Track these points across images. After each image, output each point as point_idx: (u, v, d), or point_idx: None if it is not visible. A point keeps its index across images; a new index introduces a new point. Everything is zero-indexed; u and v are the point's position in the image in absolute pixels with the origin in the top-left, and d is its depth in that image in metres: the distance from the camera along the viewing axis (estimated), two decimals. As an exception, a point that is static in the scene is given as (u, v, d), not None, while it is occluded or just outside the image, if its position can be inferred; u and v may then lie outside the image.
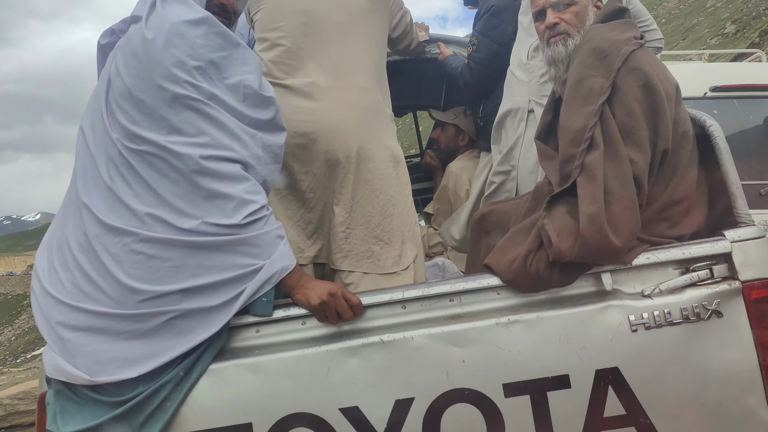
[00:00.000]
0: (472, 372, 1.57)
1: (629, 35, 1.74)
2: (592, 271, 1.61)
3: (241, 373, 1.58)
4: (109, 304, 1.54)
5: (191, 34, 1.62)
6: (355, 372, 1.58)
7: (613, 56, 1.69)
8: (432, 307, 1.64)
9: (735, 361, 1.54)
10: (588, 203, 1.56)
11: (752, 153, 4.68)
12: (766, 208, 4.45)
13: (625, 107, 1.66)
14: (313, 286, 1.63)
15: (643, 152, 1.63)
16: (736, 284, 1.57)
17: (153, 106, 1.58)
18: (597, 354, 1.55)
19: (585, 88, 1.69)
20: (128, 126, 1.59)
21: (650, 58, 1.73)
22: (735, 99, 4.73)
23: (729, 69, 5.35)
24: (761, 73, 4.89)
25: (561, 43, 1.92)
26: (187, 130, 1.58)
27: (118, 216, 1.56)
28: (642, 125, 1.64)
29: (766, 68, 5.27)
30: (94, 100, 1.70)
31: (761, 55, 5.89)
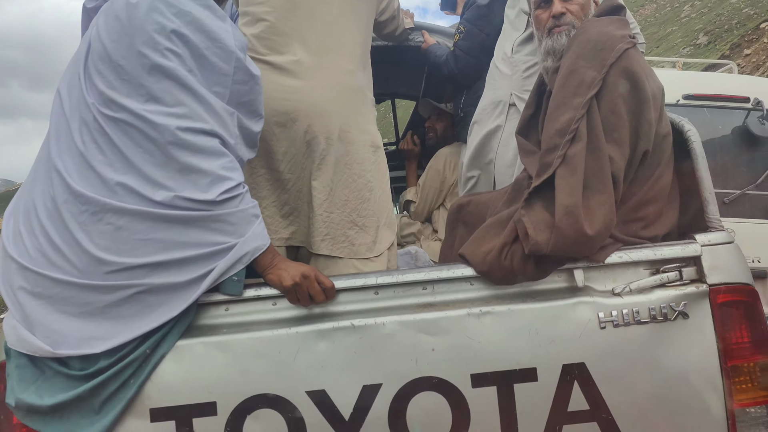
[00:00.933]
0: (441, 361, 1.57)
1: (625, 33, 1.75)
2: (565, 266, 1.63)
3: (208, 351, 1.55)
4: (73, 273, 1.49)
5: (177, 1, 1.57)
6: (324, 355, 1.56)
7: (608, 51, 1.69)
8: (405, 295, 1.63)
9: (698, 362, 1.58)
10: (566, 195, 1.57)
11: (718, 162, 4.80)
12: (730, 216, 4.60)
13: (610, 104, 1.67)
14: (286, 267, 1.60)
15: (622, 151, 1.64)
16: (703, 287, 1.60)
17: (132, 73, 1.53)
18: (565, 349, 1.57)
19: (577, 78, 1.69)
20: (105, 91, 1.53)
21: (641, 59, 1.75)
22: (706, 108, 4.84)
23: (702, 78, 5.46)
24: (732, 85, 5.00)
25: (565, 34, 1.91)
26: (165, 99, 1.54)
27: (89, 183, 1.51)
28: (625, 124, 1.65)
29: (737, 80, 5.39)
30: (73, 63, 1.64)
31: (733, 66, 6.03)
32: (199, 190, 1.52)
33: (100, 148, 1.52)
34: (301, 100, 2.07)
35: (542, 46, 1.96)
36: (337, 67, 2.16)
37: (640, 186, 1.70)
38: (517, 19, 2.46)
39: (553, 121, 1.67)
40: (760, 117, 4.56)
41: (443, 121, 3.48)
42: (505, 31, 2.55)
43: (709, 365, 1.58)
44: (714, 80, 5.28)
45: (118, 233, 1.49)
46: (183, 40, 1.57)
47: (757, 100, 4.62)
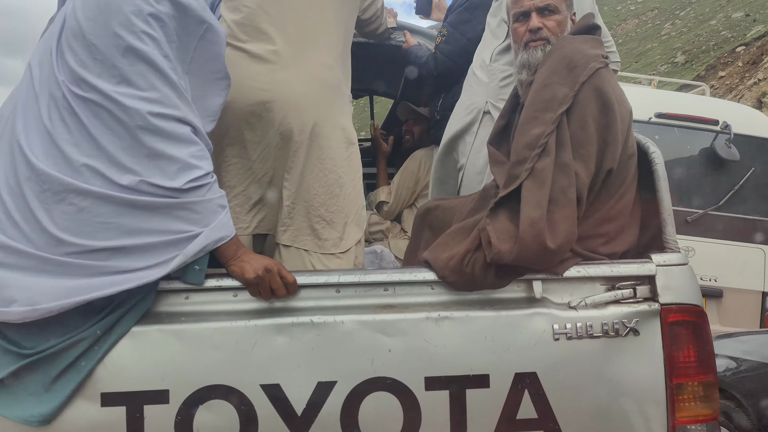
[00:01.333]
0: (396, 362, 1.59)
1: (598, 52, 1.78)
2: (525, 277, 1.66)
3: (164, 339, 1.55)
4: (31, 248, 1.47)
5: None
6: (281, 350, 1.57)
7: (581, 69, 1.73)
8: (366, 294, 1.64)
9: (644, 378, 1.63)
10: (531, 207, 1.60)
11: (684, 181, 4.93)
12: (691, 235, 4.72)
13: (580, 121, 1.70)
14: (249, 260, 1.60)
15: (588, 168, 1.68)
16: (655, 306, 1.65)
17: (106, 53, 1.51)
18: (518, 358, 1.60)
19: (549, 93, 1.72)
20: (76, 69, 1.51)
21: (612, 79, 1.78)
22: (676, 128, 4.96)
23: (675, 98, 5.59)
24: (703, 107, 5.11)
25: (540, 49, 1.94)
26: (138, 82, 1.52)
27: (53, 162, 1.49)
28: (592, 141, 1.69)
29: (708, 102, 5.51)
30: (46, 38, 1.61)
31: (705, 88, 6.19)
32: (166, 177, 1.51)
33: (68, 127, 1.50)
34: (277, 91, 2.06)
35: (518, 59, 1.98)
36: (315, 61, 2.15)
37: (603, 203, 1.74)
38: (498, 28, 2.48)
39: (523, 134, 1.70)
40: (727, 140, 4.69)
41: (420, 125, 3.51)
42: (485, 38, 2.57)
43: (655, 382, 1.63)
44: (686, 101, 5.40)
45: (80, 215, 1.47)
46: (160, 23, 1.56)
47: (725, 123, 4.74)
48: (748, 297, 4.70)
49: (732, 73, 22.35)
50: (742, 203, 4.73)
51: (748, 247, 4.65)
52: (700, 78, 23.82)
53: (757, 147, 4.83)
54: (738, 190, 4.69)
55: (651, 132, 4.96)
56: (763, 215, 4.76)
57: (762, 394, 2.85)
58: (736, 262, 4.70)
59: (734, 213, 4.68)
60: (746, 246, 4.65)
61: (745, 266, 4.64)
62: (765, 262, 4.65)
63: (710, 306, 4.72)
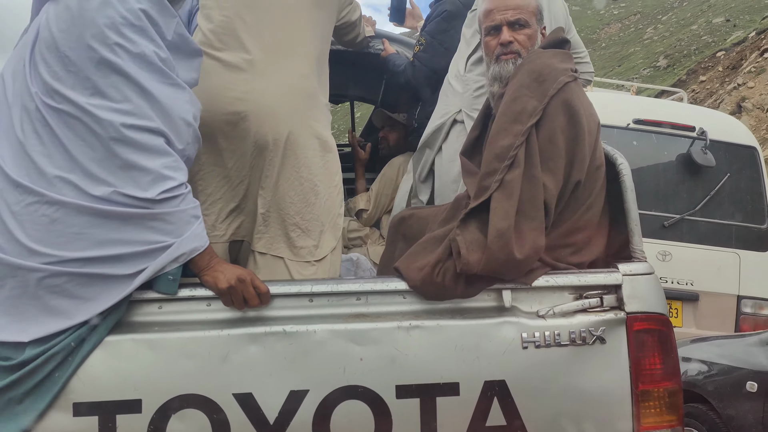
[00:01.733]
0: (368, 370, 1.61)
1: (567, 66, 1.82)
2: (494, 286, 1.69)
3: (137, 348, 1.56)
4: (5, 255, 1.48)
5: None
6: (254, 359, 1.59)
7: (550, 83, 1.76)
8: (338, 304, 1.67)
9: (611, 385, 1.67)
10: (500, 218, 1.63)
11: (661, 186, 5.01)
12: (668, 240, 4.80)
13: (549, 133, 1.74)
14: (223, 270, 1.62)
15: (556, 180, 1.72)
16: (621, 314, 1.69)
17: (79, 65, 1.52)
18: (488, 366, 1.63)
19: (519, 106, 1.76)
20: (49, 81, 1.52)
21: (581, 92, 1.82)
22: (654, 134, 5.04)
23: (652, 104, 5.67)
24: (680, 113, 5.18)
25: (512, 62, 1.98)
26: (111, 94, 1.53)
27: (26, 173, 1.50)
28: (561, 154, 1.73)
29: (685, 109, 5.60)
30: (20, 49, 1.62)
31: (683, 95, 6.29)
32: (139, 188, 1.53)
33: (41, 139, 1.51)
34: (252, 101, 2.08)
35: (490, 72, 2.02)
36: (291, 70, 2.17)
37: (571, 214, 1.78)
38: (472, 39, 2.52)
39: (493, 145, 1.73)
40: (703, 146, 4.77)
41: (396, 132, 3.53)
42: (460, 49, 2.60)
43: (621, 389, 1.67)
44: (664, 107, 5.49)
45: (52, 226, 1.48)
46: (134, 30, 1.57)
47: (701, 129, 4.83)
48: (724, 300, 4.78)
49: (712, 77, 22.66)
50: (718, 208, 4.82)
51: (723, 252, 4.74)
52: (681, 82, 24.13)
53: (732, 153, 4.92)
54: (714, 196, 4.78)
55: (629, 138, 5.04)
56: (738, 220, 4.85)
57: (731, 397, 2.91)
58: (712, 266, 4.78)
59: (710, 218, 4.77)
60: (722, 250, 4.74)
61: (721, 270, 4.72)
62: (740, 266, 4.73)
63: (687, 309, 4.81)
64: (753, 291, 4.70)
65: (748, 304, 4.66)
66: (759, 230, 4.84)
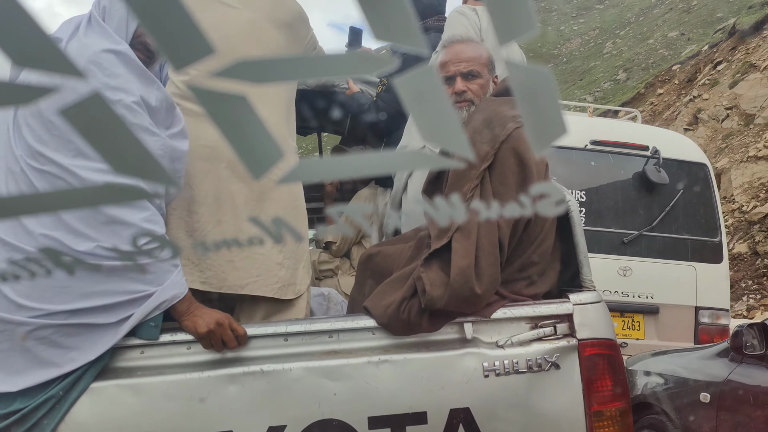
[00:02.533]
0: (341, 404, 1.72)
1: (515, 113, 1.98)
2: (456, 320, 1.82)
3: (121, 393, 1.65)
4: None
5: (109, 63, 1.67)
6: (233, 398, 1.69)
7: (499, 129, 1.92)
8: (312, 342, 1.78)
9: (566, 407, 1.80)
10: (460, 257, 1.77)
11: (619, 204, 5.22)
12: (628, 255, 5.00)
13: (500, 176, 1.89)
14: (201, 314, 1.72)
15: (508, 219, 1.87)
16: (573, 341, 1.83)
17: (62, 129, 1.62)
18: (452, 394, 1.76)
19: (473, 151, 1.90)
20: (34, 144, 1.61)
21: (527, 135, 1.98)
22: (610, 154, 5.26)
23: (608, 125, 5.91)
24: (634, 133, 5.43)
25: (465, 110, 2.13)
26: (92, 155, 1.63)
27: (12, 232, 1.58)
28: (512, 195, 1.88)
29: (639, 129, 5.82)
30: (2, 114, 1.71)
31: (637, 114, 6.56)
32: (120, 241, 1.62)
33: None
34: (221, 149, 2.19)
35: None
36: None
37: (524, 249, 1.92)
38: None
39: (451, 189, 1.87)
40: (656, 165, 5.01)
41: None
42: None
43: (576, 410, 1.81)
44: (618, 128, 5.72)
45: (38, 280, 1.57)
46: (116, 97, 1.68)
47: (654, 148, 5.06)
48: (683, 312, 4.99)
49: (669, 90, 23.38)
50: (673, 223, 5.03)
51: (680, 265, 4.94)
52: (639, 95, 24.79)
53: (684, 170, 5.15)
54: (669, 212, 4.99)
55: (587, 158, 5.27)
56: (693, 234, 5.06)
57: (687, 408, 3.08)
58: (671, 279, 4.99)
59: (667, 233, 4.97)
60: (679, 264, 4.94)
61: (679, 283, 4.92)
62: (696, 279, 4.93)
63: (648, 322, 5.01)
64: (710, 302, 4.89)
65: (706, 315, 4.86)
66: (713, 243, 5.05)
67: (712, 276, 4.97)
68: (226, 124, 0.27)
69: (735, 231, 13.78)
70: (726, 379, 2.89)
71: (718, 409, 2.88)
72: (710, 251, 5.03)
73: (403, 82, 0.31)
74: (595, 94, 30.03)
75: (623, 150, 5.14)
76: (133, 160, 0.28)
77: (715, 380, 2.97)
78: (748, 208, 13.90)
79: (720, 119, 18.03)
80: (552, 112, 0.30)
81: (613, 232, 5.07)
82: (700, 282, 4.92)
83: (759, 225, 13.36)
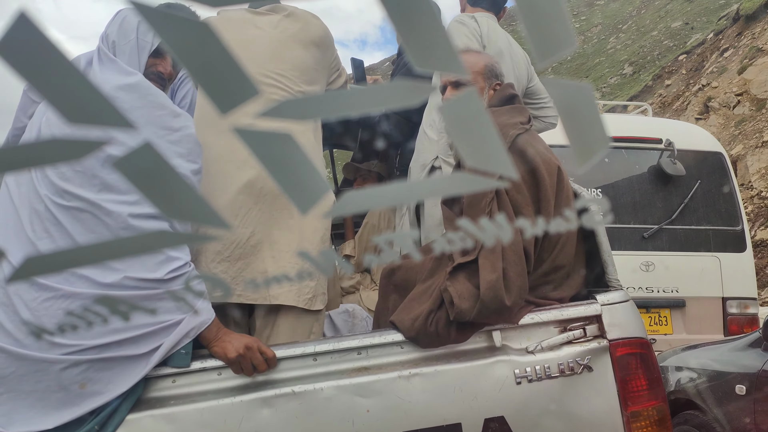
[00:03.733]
0: (375, 421, 1.72)
1: (516, 120, 1.97)
2: (484, 329, 1.81)
3: (156, 424, 1.65)
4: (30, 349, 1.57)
5: (127, 98, 1.69)
6: (267, 421, 1.69)
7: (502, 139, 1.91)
8: (341, 360, 1.78)
9: (602, 410, 1.78)
10: (488, 272, 1.75)
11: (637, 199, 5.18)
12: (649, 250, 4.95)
13: (514, 185, 1.88)
14: (230, 339, 1.73)
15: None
16: (604, 342, 1.81)
17: (86, 165, 1.64)
18: (486, 404, 1.75)
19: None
20: (58, 183, 1.64)
21: (534, 140, 1.97)
22: (624, 149, 5.23)
23: (619, 121, 5.88)
24: (646, 127, 5.39)
25: None
26: (118, 187, 1.66)
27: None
28: (528, 201, 1.87)
29: (650, 122, 5.80)
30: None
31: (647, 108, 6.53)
32: (147, 270, 1.64)
33: (52, 237, 1.62)
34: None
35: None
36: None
37: (548, 254, 1.91)
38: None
39: (469, 205, 1.87)
40: (671, 157, 4.97)
41: (370, 180, 3.65)
42: (433, 98, 2.76)
43: (612, 412, 1.78)
44: (630, 123, 5.67)
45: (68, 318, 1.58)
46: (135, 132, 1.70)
47: (668, 141, 5.03)
48: (710, 303, 4.92)
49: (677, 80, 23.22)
50: (693, 215, 4.99)
51: (704, 256, 4.89)
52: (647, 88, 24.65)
53: (700, 160, 5.12)
54: (688, 203, 4.96)
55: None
56: (714, 224, 5.01)
57: (722, 401, 3.03)
58: (695, 271, 4.93)
59: (687, 225, 4.94)
60: (702, 255, 4.89)
61: (703, 274, 4.86)
62: (721, 269, 4.88)
63: (675, 316, 4.94)
64: (736, 291, 4.83)
65: (734, 305, 4.80)
66: (735, 232, 5.01)
67: (737, 265, 4.91)
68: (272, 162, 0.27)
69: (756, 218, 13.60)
70: (761, 369, 2.85)
71: (755, 401, 2.83)
72: (733, 240, 4.99)
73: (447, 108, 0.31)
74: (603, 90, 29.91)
75: (636, 144, 5.10)
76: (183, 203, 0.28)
77: (749, 371, 2.93)
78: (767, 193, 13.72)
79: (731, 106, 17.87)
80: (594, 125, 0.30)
81: (633, 227, 5.01)
82: (725, 272, 4.86)
83: (779, 210, 13.17)
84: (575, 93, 0.29)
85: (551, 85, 0.30)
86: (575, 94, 0.29)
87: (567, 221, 0.43)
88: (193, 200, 0.28)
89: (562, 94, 0.29)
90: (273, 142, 0.26)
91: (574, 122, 0.30)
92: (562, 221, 0.43)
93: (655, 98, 23.10)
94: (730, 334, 4.60)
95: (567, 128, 0.30)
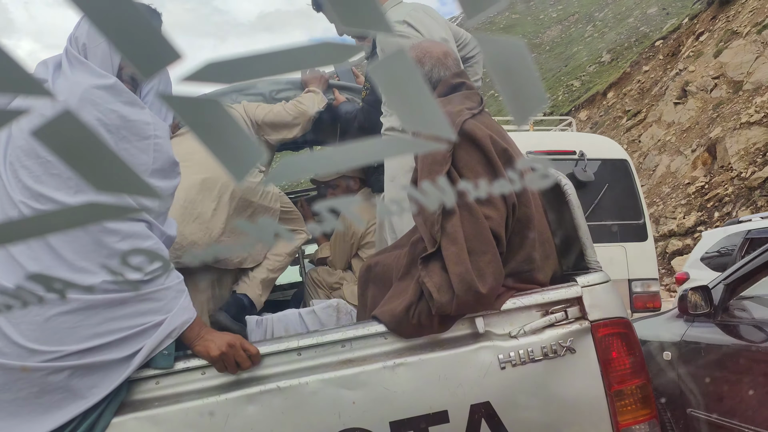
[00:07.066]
0: (362, 412, 1.71)
1: (462, 107, 1.96)
2: (467, 316, 1.82)
3: (140, 426, 1.64)
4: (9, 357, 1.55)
5: (102, 99, 1.67)
6: (253, 418, 1.68)
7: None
8: (325, 353, 1.77)
9: (586, 390, 1.79)
10: (454, 264, 1.74)
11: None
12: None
13: (471, 170, 1.86)
14: (212, 338, 1.72)
15: (497, 208, 1.84)
16: (586, 324, 1.83)
17: (61, 167, 1.62)
18: (471, 390, 1.75)
19: (429, 158, 1.88)
20: (33, 186, 1.61)
21: (484, 121, 1.96)
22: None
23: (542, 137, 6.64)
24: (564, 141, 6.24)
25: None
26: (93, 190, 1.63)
27: (14, 277, 1.58)
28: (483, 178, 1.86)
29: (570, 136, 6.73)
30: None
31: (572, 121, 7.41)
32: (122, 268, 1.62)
33: (27, 243, 1.60)
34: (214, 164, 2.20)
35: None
36: None
37: (522, 236, 1.91)
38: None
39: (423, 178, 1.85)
40: (583, 166, 5.76)
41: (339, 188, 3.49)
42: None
43: (596, 392, 1.80)
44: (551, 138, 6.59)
45: (47, 324, 1.56)
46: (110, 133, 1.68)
47: (581, 152, 5.82)
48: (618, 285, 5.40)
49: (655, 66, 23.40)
50: (604, 212, 5.79)
51: (612, 246, 5.65)
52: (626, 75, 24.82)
53: (608, 167, 5.96)
54: (598, 203, 5.75)
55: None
56: (620, 219, 5.82)
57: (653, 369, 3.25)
58: (605, 260, 5.23)
59: (598, 221, 5.64)
60: (611, 245, 5.63)
61: (612, 262, 5.47)
62: (626, 256, 5.67)
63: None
64: (640, 273, 5.69)
65: (638, 285, 5.65)
66: (637, 225, 5.88)
67: (640, 252, 5.78)
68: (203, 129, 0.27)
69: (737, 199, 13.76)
70: (682, 338, 3.22)
71: (677, 363, 3.18)
72: (636, 231, 5.85)
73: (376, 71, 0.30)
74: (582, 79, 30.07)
75: (556, 157, 5.82)
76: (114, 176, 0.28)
77: (674, 339, 3.28)
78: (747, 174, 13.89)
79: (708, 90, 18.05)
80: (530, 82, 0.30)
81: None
82: (630, 258, 5.67)
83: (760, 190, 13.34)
84: (510, 50, 0.29)
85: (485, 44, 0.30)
86: (510, 51, 0.29)
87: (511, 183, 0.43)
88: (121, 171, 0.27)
89: (495, 53, 0.29)
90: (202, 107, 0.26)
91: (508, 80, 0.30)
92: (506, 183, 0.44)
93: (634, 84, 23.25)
94: (636, 309, 5.54)
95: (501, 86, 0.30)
